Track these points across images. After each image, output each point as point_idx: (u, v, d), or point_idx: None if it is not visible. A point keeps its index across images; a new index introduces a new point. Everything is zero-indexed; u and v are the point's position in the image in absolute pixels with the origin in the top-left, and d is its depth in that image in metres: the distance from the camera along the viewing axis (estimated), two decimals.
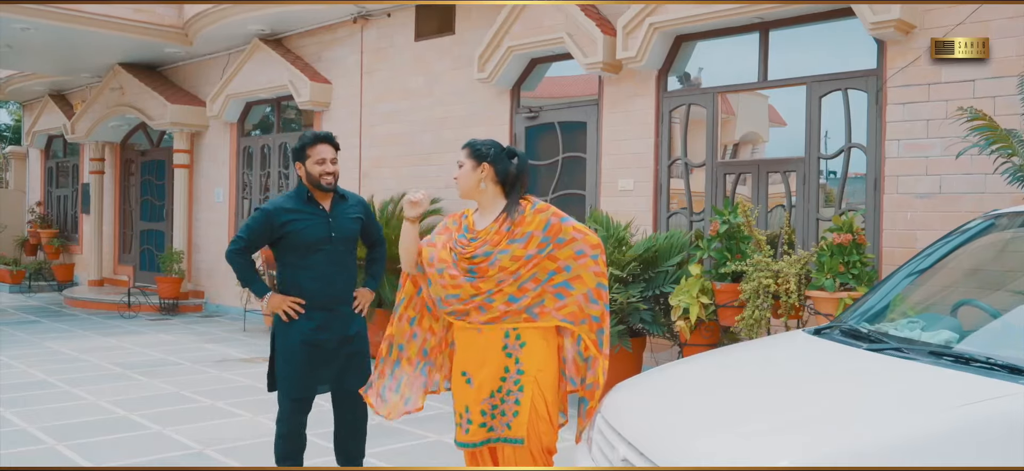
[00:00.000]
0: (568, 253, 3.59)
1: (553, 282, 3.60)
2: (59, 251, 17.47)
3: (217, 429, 6.28)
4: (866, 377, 2.81)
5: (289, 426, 4.48)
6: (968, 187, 6.29)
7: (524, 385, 3.53)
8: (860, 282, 5.83)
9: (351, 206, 4.63)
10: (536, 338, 3.58)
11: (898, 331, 3.27)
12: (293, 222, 4.41)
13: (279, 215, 4.42)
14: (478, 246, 3.59)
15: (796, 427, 2.48)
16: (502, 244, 3.56)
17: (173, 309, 13.25)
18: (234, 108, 12.88)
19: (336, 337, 4.44)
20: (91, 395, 7.30)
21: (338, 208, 4.55)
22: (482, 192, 3.68)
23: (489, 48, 9.12)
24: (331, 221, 4.48)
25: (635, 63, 7.97)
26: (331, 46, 11.51)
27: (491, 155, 3.69)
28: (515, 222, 3.58)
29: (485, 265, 3.55)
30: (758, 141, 11.14)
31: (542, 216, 3.61)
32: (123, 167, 16.13)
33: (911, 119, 6.60)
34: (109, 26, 11.98)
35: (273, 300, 4.43)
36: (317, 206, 4.49)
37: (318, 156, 4.45)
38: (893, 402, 2.51)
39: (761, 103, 10.46)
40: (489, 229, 3.62)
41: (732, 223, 6.39)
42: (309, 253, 4.42)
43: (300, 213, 4.44)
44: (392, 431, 6.13)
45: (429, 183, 10.00)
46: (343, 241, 4.51)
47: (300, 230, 4.41)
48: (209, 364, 8.87)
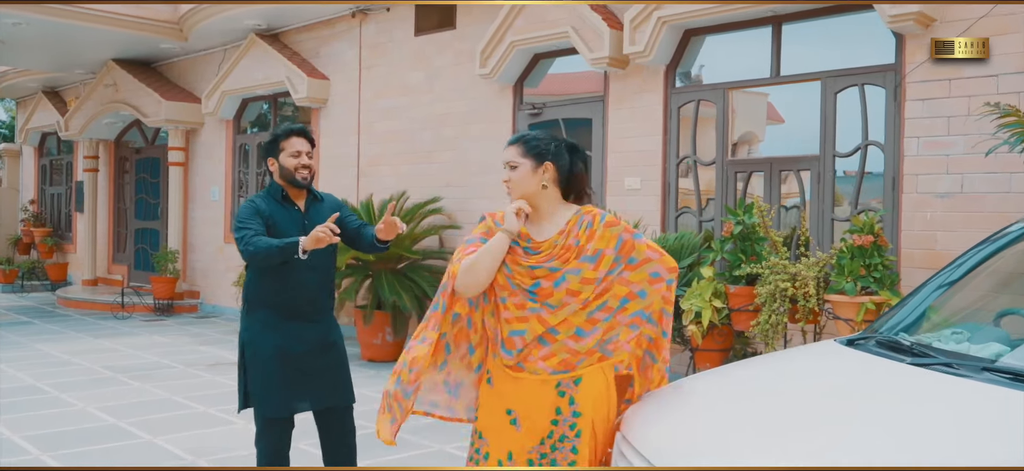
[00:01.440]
0: (643, 276, 3.06)
1: (627, 311, 3.05)
2: (53, 250, 17.21)
3: (209, 438, 6.03)
4: (921, 399, 2.55)
5: (269, 446, 4.09)
6: (991, 186, 6.05)
7: (582, 430, 2.95)
8: (882, 286, 5.59)
9: (326, 207, 4.18)
10: (594, 373, 3.01)
11: (942, 344, 3.02)
12: (271, 220, 4.01)
13: (260, 211, 4.01)
14: (542, 260, 3.00)
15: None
16: (571, 262, 2.97)
17: (168, 309, 13.00)
18: (230, 105, 12.62)
19: (313, 348, 4.07)
20: (81, 401, 7.05)
21: (313, 209, 4.15)
22: (543, 196, 3.08)
23: (491, 43, 8.87)
24: (307, 222, 4.05)
25: (643, 58, 7.72)
26: (329, 41, 11.26)
27: (553, 151, 3.09)
28: (585, 236, 3.01)
29: (549, 285, 2.96)
30: (755, 140, 10.94)
31: (614, 231, 3.04)
32: (117, 165, 15.86)
33: (931, 116, 6.35)
34: (103, 21, 11.72)
35: (312, 237, 3.75)
36: (292, 205, 4.11)
37: (293, 148, 4.05)
38: (962, 429, 2.26)
39: (760, 101, 10.24)
40: (553, 241, 3.02)
41: (747, 224, 6.14)
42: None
43: (275, 214, 4.04)
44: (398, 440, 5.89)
45: (429, 181, 9.76)
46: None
47: (275, 231, 3.99)
48: (203, 367, 8.62)
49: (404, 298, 8.75)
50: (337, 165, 11.04)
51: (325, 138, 11.28)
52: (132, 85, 13.61)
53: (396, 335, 9.03)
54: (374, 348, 9.07)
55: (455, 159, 9.63)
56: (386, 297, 8.74)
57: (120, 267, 15.67)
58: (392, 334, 9.02)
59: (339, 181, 10.83)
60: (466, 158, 9.52)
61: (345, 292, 9.12)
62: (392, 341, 9.06)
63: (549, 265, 2.99)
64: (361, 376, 8.21)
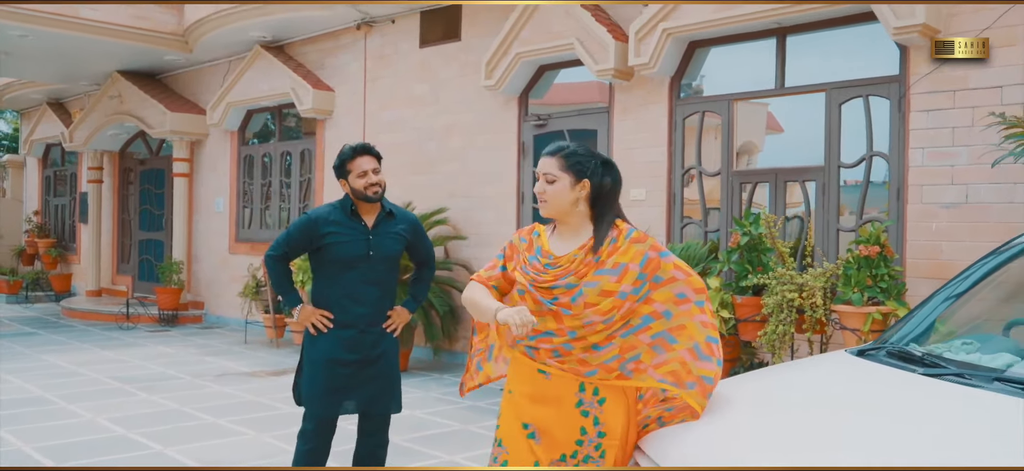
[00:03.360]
0: (667, 295, 2.92)
1: (650, 331, 2.91)
2: (57, 261, 17.24)
3: (219, 449, 6.06)
4: (933, 409, 2.58)
5: (311, 444, 4.33)
6: (997, 197, 6.09)
7: (607, 450, 2.89)
8: (888, 296, 5.62)
9: (397, 223, 4.44)
10: (617, 393, 2.92)
11: (953, 354, 3.06)
12: (333, 235, 4.28)
13: (322, 225, 4.30)
14: (559, 275, 2.93)
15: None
16: (589, 275, 2.89)
17: (172, 320, 13.03)
18: (235, 116, 12.67)
19: (360, 357, 4.28)
20: (89, 412, 7.07)
21: (383, 226, 4.38)
22: (574, 213, 3.01)
23: (496, 54, 8.92)
24: (371, 238, 4.32)
25: (648, 70, 7.77)
26: (334, 53, 11.31)
27: (592, 170, 3.01)
28: (607, 251, 2.93)
29: (566, 299, 2.89)
30: (755, 150, 10.98)
31: (639, 247, 2.94)
32: (122, 176, 15.91)
33: (936, 126, 6.40)
34: (108, 33, 11.77)
35: (304, 312, 4.30)
36: (359, 221, 4.34)
37: (359, 169, 4.29)
38: (975, 438, 2.29)
39: (759, 110, 10.28)
40: (572, 256, 2.95)
41: (753, 235, 6.18)
42: (345, 269, 4.27)
43: (341, 227, 4.30)
44: (405, 452, 5.92)
45: (434, 192, 9.80)
46: (382, 260, 4.33)
47: (338, 244, 4.27)
48: (210, 378, 8.65)
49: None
50: None
51: (329, 149, 11.32)
52: (137, 96, 13.66)
53: (403, 346, 9.05)
54: None
55: (460, 170, 9.68)
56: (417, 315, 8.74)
57: (124, 278, 15.70)
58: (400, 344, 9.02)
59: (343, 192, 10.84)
60: (471, 169, 9.56)
61: None
62: None
63: (566, 281, 2.91)
64: None
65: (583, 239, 3.00)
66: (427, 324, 9.13)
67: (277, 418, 6.93)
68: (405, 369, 9.17)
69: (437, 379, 8.76)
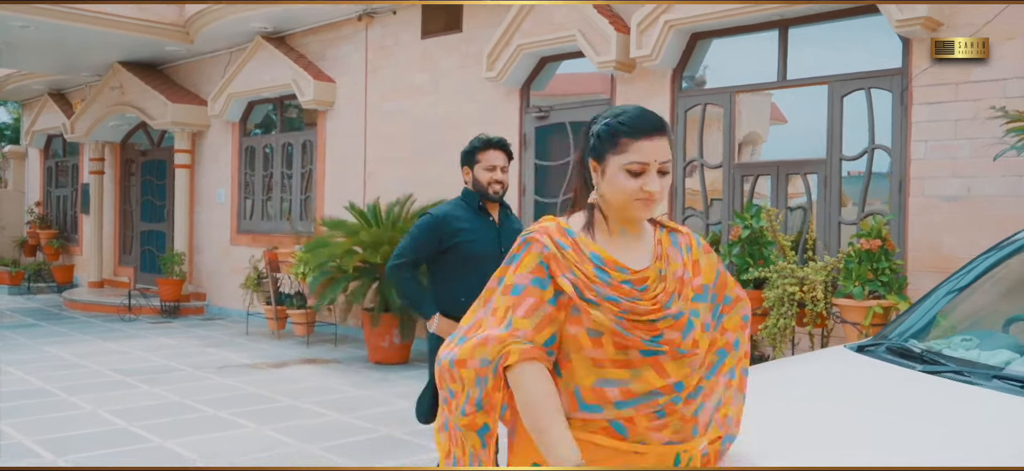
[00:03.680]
0: (736, 321, 2.23)
1: (724, 370, 2.18)
2: (59, 252, 17.25)
3: (221, 441, 6.07)
4: (932, 406, 2.58)
5: None
6: (999, 190, 6.08)
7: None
8: (889, 290, 5.61)
9: (514, 220, 4.28)
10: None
11: (952, 351, 3.05)
12: (464, 232, 4.07)
13: (451, 222, 4.09)
14: (661, 297, 2.04)
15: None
16: (688, 296, 2.08)
17: (174, 312, 13.04)
18: (236, 107, 12.65)
19: None
20: (90, 404, 7.08)
21: (507, 223, 4.19)
22: None
23: (498, 46, 8.90)
24: (502, 234, 4.11)
25: (649, 62, 7.75)
26: (335, 44, 11.29)
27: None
28: (686, 261, 2.13)
29: (677, 334, 2.02)
30: (759, 141, 10.96)
31: (713, 258, 2.22)
32: (123, 167, 15.91)
33: (938, 119, 6.38)
34: (109, 24, 11.75)
35: (443, 324, 4.01)
36: (487, 216, 4.14)
37: (488, 162, 4.10)
38: (973, 437, 2.28)
39: (764, 101, 10.26)
40: (658, 271, 2.08)
41: (754, 228, 6.17)
42: (474, 268, 3.94)
43: (471, 222, 4.09)
44: (402, 445, 5.93)
45: (435, 184, 9.76)
46: None
47: (470, 241, 4.06)
48: (212, 370, 8.66)
49: None
50: (343, 168, 11.08)
51: (331, 140, 11.31)
52: (138, 87, 13.65)
53: (404, 338, 9.06)
54: (382, 351, 9.09)
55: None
56: (393, 300, 8.76)
57: (126, 269, 15.71)
58: (400, 337, 9.04)
59: (346, 184, 10.87)
60: None
61: (352, 294, 9.15)
62: (400, 344, 9.08)
63: (674, 306, 2.05)
64: (368, 379, 8.26)
65: (648, 241, 2.15)
66: None
67: (278, 411, 6.94)
68: (407, 361, 9.18)
69: None
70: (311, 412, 6.93)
